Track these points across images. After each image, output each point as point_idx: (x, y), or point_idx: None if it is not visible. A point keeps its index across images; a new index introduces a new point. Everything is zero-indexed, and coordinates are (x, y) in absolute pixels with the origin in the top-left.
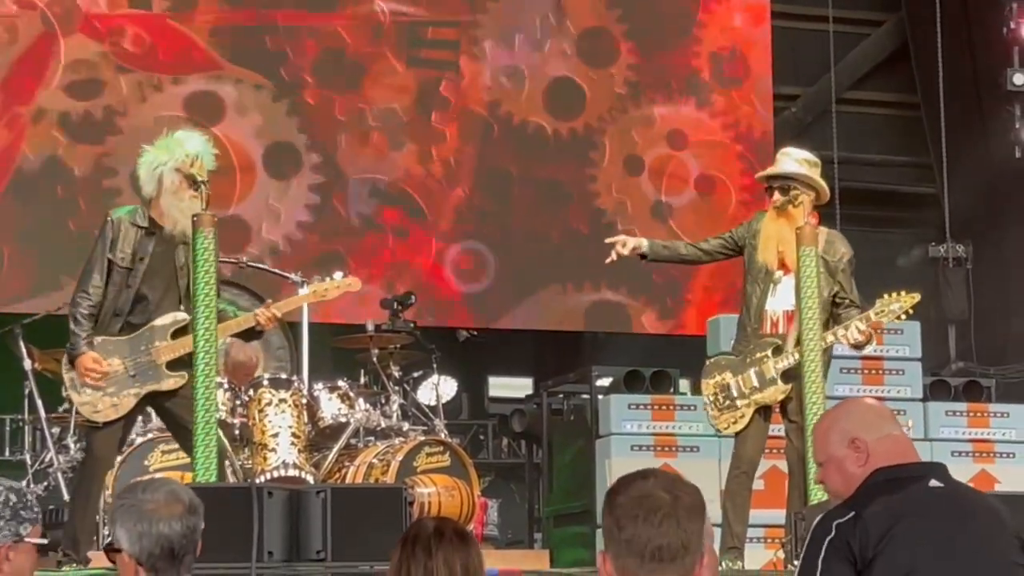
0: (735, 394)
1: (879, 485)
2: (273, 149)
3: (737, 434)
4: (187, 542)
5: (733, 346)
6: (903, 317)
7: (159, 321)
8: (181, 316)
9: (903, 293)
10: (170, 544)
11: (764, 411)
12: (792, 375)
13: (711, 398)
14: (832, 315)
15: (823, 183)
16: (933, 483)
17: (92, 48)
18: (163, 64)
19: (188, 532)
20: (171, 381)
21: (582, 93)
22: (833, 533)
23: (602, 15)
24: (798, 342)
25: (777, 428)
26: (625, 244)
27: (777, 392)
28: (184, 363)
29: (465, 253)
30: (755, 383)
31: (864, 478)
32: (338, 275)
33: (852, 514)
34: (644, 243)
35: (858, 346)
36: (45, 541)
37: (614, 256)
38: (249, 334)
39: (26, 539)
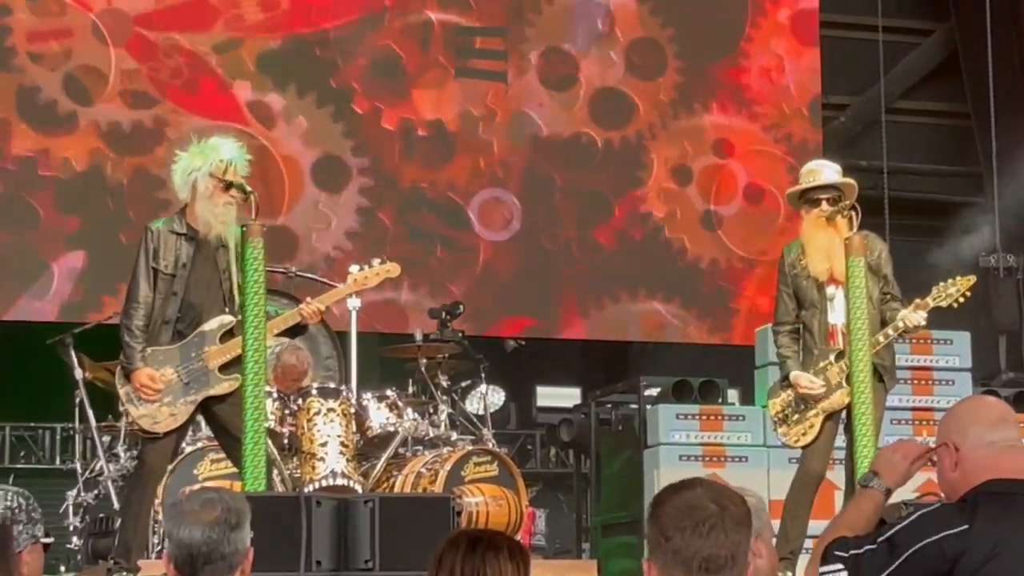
0: (803, 405)
1: (990, 498)
2: (322, 159)
3: (807, 447)
4: (208, 551)
5: None
6: (961, 300)
7: (207, 326)
8: (227, 319)
9: (959, 278)
10: (188, 550)
11: (833, 419)
12: None
13: (779, 416)
14: (880, 311)
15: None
16: None
17: (136, 65)
18: (192, 102)
19: (211, 542)
20: (225, 385)
21: (630, 103)
22: (938, 538)
23: (650, 25)
24: None
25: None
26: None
27: (844, 395)
28: (235, 366)
29: (513, 263)
30: (822, 390)
31: (965, 484)
32: (376, 261)
33: (964, 527)
34: (793, 374)
35: (909, 330)
36: (51, 540)
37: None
38: (295, 331)
39: (41, 540)
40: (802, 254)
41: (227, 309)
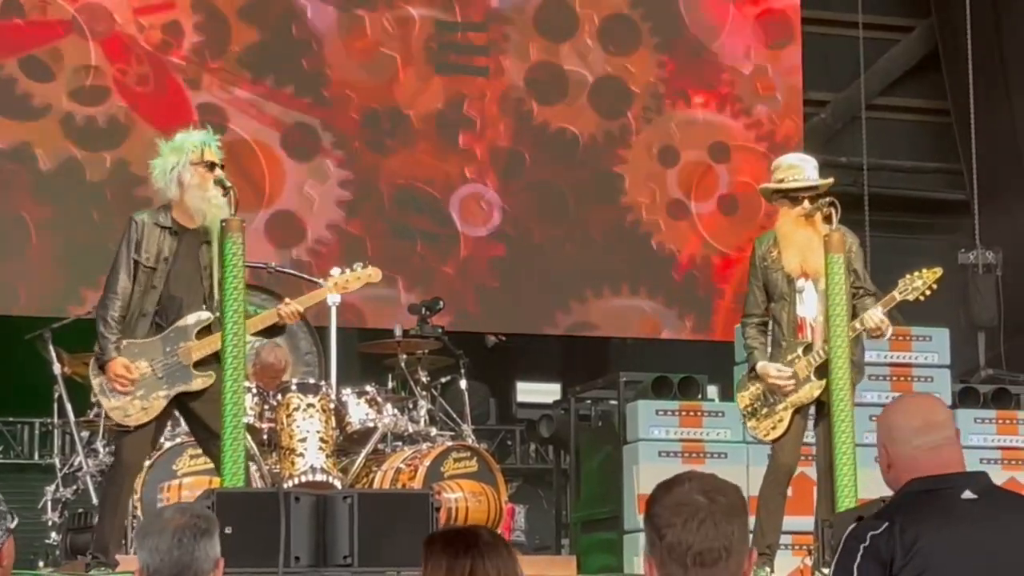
0: (772, 399)
1: (912, 496)
2: (301, 156)
3: (776, 440)
4: (179, 555)
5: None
6: (927, 293)
7: (183, 321)
8: (205, 315)
9: (924, 270)
10: (158, 557)
11: (802, 413)
12: (825, 372)
13: (748, 410)
14: (853, 306)
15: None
16: (967, 495)
17: (104, 61)
18: (151, 112)
19: (176, 553)
20: (199, 381)
21: (611, 99)
22: (868, 542)
23: (632, 22)
24: (827, 340)
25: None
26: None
27: (813, 389)
28: (210, 362)
29: (494, 258)
30: (791, 381)
31: (898, 483)
32: (358, 266)
33: (885, 525)
34: (759, 365)
35: (877, 332)
36: (16, 520)
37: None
38: (272, 331)
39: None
40: (773, 246)
41: (206, 305)
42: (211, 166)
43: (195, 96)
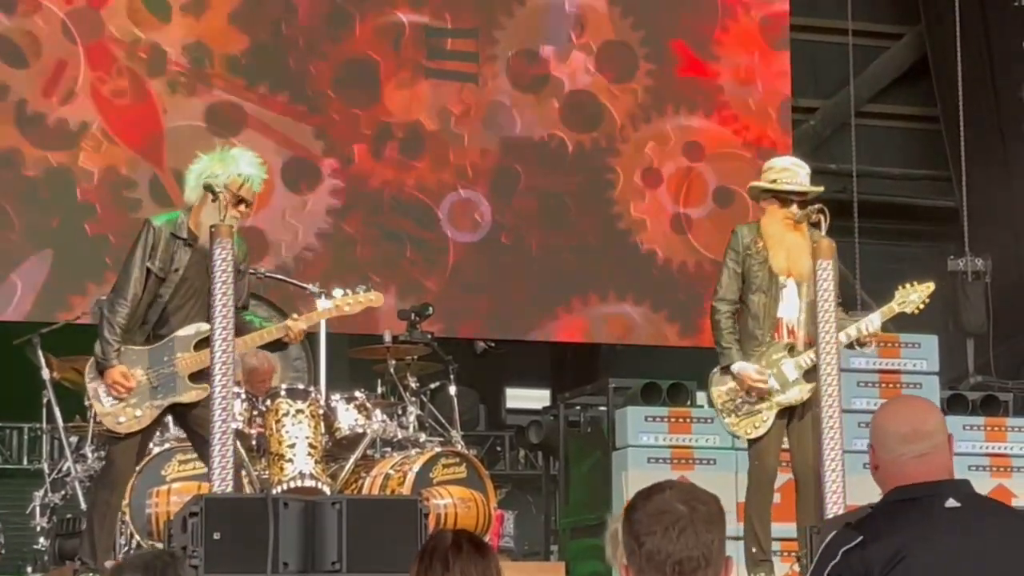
0: (753, 398)
1: (893, 506)
2: (292, 161)
3: (756, 441)
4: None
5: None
6: (922, 306)
7: (182, 332)
8: (204, 327)
9: (916, 283)
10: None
11: (783, 416)
12: (813, 376)
13: (726, 407)
14: None
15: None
16: (950, 503)
17: (86, 68)
18: (119, 129)
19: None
20: (193, 393)
21: (601, 106)
22: (838, 559)
23: (621, 28)
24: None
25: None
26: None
27: (803, 392)
28: (206, 375)
29: (484, 264)
30: (775, 385)
31: (884, 486)
32: (361, 288)
33: (859, 539)
34: (736, 365)
35: (863, 343)
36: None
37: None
38: (274, 345)
39: None
40: (758, 236)
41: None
42: (240, 200)
43: (169, 112)
